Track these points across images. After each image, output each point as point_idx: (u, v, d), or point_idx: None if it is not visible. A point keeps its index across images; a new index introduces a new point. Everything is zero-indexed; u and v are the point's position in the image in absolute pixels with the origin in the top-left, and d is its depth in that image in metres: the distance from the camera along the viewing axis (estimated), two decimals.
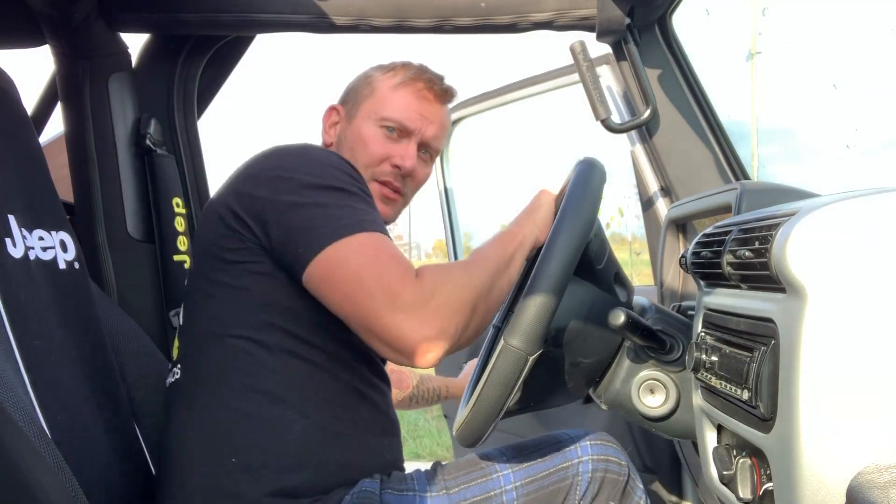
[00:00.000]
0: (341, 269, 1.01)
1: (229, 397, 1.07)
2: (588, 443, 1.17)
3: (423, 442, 5.14)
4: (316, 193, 1.08)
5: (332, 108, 1.37)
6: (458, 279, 1.02)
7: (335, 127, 1.36)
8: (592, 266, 1.05)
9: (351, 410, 1.13)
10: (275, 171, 1.12)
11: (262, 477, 1.05)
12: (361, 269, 1.00)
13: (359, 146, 1.29)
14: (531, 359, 0.89)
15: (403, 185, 1.32)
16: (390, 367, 1.43)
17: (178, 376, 1.15)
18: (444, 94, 1.34)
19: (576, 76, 1.63)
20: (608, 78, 1.66)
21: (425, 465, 1.19)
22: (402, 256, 1.05)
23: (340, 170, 1.13)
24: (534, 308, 0.89)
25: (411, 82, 1.31)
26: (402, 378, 1.63)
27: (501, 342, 0.90)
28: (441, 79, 1.34)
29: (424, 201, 1.64)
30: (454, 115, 2.31)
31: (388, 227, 1.22)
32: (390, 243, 1.07)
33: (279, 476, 1.06)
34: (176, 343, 1.23)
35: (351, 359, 1.14)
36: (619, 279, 1.10)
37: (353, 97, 1.35)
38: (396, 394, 1.58)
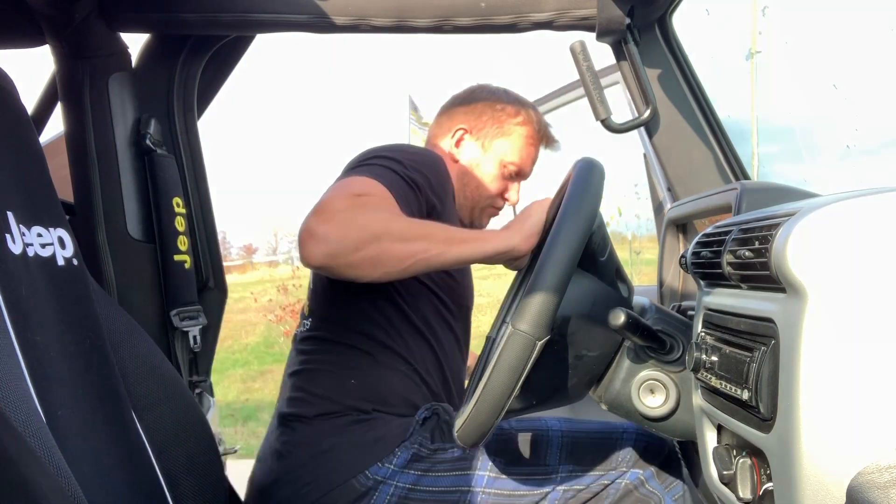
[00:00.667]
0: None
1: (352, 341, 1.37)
2: (637, 454, 1.32)
3: None
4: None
5: (463, 130, 1.57)
6: (383, 217, 1.15)
7: (462, 147, 1.57)
8: (595, 257, 1.05)
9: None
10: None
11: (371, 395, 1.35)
12: (333, 188, 1.23)
13: (486, 178, 1.56)
14: (539, 344, 0.88)
15: (501, 210, 1.62)
16: None
17: (307, 327, 1.43)
18: (552, 145, 1.62)
19: (615, 76, 1.64)
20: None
21: None
22: (368, 193, 1.20)
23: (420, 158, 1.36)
24: (541, 294, 0.88)
25: (538, 138, 1.58)
26: None
27: (509, 328, 0.89)
28: (552, 131, 1.62)
29: None
30: None
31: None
32: (372, 186, 1.22)
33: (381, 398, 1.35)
34: (306, 301, 1.48)
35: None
36: (620, 275, 1.10)
37: (484, 126, 1.56)
38: None
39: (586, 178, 1.01)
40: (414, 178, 1.29)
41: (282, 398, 1.47)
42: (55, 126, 1.67)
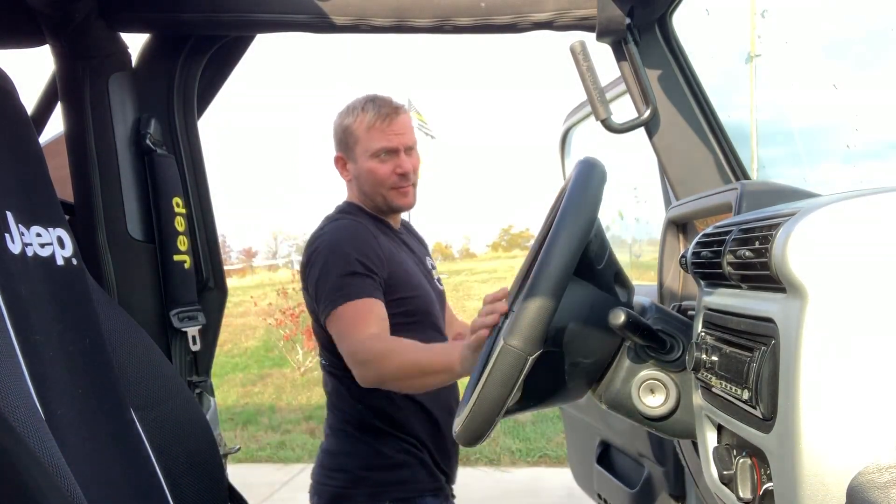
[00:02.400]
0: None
1: None
2: None
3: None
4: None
5: (339, 158, 1.95)
6: (395, 357, 1.64)
7: (347, 169, 1.94)
8: (592, 266, 1.05)
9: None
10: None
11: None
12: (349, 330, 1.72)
13: (371, 176, 1.88)
14: (530, 359, 0.89)
15: (408, 180, 1.89)
16: (457, 332, 2.05)
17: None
18: (397, 110, 1.89)
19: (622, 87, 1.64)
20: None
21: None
22: (370, 320, 1.71)
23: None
24: (533, 308, 0.89)
25: (375, 120, 1.86)
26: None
27: (501, 342, 0.90)
28: (389, 101, 1.90)
29: (419, 203, 1.97)
30: (564, 126, 2.58)
31: (405, 213, 2.10)
32: (364, 305, 1.72)
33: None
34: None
35: None
36: (620, 279, 1.09)
37: (345, 146, 1.91)
38: None
39: (584, 185, 1.00)
40: (369, 267, 1.77)
41: None
42: (55, 126, 1.67)
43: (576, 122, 2.47)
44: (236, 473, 1.60)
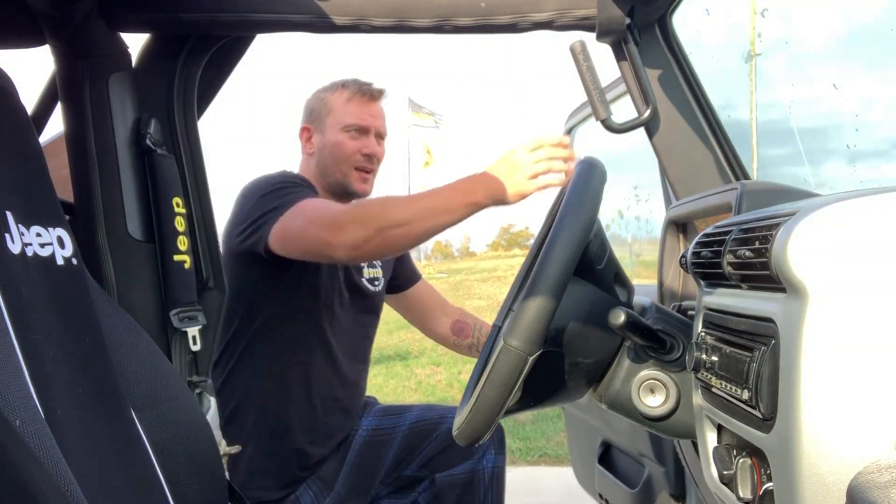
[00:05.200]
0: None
1: None
2: None
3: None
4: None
5: (305, 129, 1.91)
6: (374, 213, 1.56)
7: (311, 142, 1.89)
8: (592, 266, 1.05)
9: None
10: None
11: None
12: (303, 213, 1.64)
13: (336, 150, 1.85)
14: (530, 359, 0.89)
15: (372, 164, 1.87)
16: (455, 319, 2.09)
17: None
18: (377, 94, 1.88)
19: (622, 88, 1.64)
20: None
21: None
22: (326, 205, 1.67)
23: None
24: (533, 308, 0.89)
25: (355, 95, 1.85)
26: (463, 328, 2.11)
27: (501, 342, 0.90)
28: (371, 85, 1.88)
29: None
30: (567, 125, 2.57)
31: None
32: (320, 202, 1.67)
33: None
34: None
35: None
36: (620, 279, 1.09)
37: (316, 116, 1.88)
38: (458, 342, 2.11)
39: (584, 185, 1.00)
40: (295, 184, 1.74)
41: None
42: (55, 126, 1.67)
43: (578, 122, 2.47)
44: None
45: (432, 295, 2.13)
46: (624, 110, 1.55)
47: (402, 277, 2.11)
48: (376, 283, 1.98)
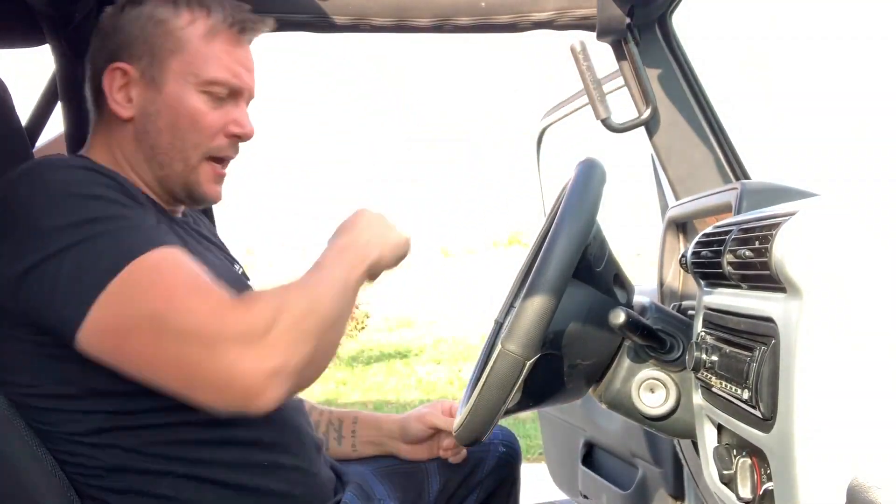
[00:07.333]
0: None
1: None
2: None
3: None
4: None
5: (119, 69, 1.04)
6: (297, 307, 0.90)
7: (129, 96, 1.05)
8: (591, 268, 1.05)
9: None
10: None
11: None
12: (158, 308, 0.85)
13: (184, 122, 1.04)
14: (528, 363, 0.89)
15: (235, 151, 1.11)
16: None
17: None
18: (255, 33, 1.12)
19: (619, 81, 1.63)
20: None
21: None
22: (204, 281, 0.89)
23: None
24: (531, 312, 0.89)
25: (226, 28, 1.07)
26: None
27: (499, 346, 0.90)
28: (249, 10, 1.12)
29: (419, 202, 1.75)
30: (541, 125, 2.38)
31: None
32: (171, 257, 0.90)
33: None
34: None
35: None
36: (619, 280, 1.09)
37: (148, 52, 1.04)
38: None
39: (584, 186, 1.00)
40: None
41: None
42: (55, 126, 1.66)
43: (552, 122, 2.41)
44: None
45: None
46: (620, 105, 1.54)
47: None
48: None
